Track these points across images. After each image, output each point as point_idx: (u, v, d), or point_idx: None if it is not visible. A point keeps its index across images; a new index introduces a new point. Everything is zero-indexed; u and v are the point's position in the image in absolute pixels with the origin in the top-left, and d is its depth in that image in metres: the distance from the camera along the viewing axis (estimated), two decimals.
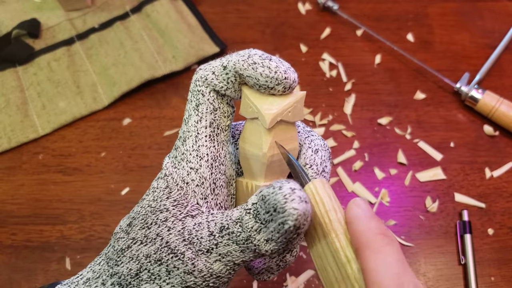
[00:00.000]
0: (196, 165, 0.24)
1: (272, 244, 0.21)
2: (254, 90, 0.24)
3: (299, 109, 0.24)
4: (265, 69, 0.23)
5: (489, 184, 0.48)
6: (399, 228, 0.45)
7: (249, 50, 0.24)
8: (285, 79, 0.23)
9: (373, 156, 0.49)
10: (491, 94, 0.51)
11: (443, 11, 0.61)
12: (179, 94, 0.54)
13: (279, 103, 0.23)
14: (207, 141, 0.25)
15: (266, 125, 0.23)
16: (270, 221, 0.21)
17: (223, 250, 0.22)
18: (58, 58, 0.55)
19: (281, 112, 0.23)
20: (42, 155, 0.50)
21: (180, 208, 0.24)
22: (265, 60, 0.23)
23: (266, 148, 0.23)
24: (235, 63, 0.24)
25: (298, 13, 0.61)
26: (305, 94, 0.24)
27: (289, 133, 0.24)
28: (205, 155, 0.24)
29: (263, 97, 0.23)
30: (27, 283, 0.42)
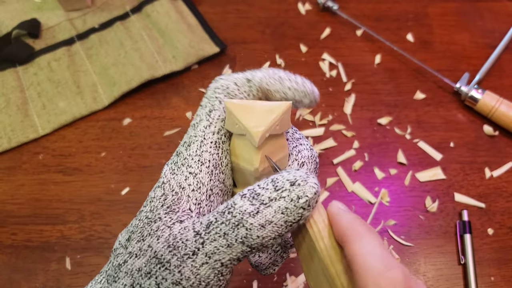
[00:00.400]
0: (196, 170, 0.24)
1: (268, 229, 0.20)
2: (238, 106, 0.23)
3: (286, 120, 0.24)
4: (293, 83, 0.24)
5: (489, 184, 0.48)
6: (399, 228, 0.45)
7: (272, 69, 0.25)
8: (312, 92, 0.24)
9: (373, 156, 0.50)
10: (491, 94, 0.51)
11: (443, 11, 0.61)
12: (179, 94, 0.54)
13: (265, 118, 0.23)
14: (211, 147, 0.24)
15: (255, 143, 0.22)
16: (276, 199, 0.20)
17: (210, 247, 0.21)
18: (58, 58, 0.55)
19: (268, 128, 0.23)
20: (42, 155, 0.50)
21: (171, 214, 0.23)
22: (291, 76, 0.24)
23: (257, 164, 0.23)
24: (261, 78, 0.24)
25: (298, 13, 0.61)
26: (290, 104, 0.24)
27: (278, 144, 0.24)
28: (207, 161, 0.24)
29: (248, 112, 0.23)
30: (27, 283, 0.43)
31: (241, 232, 0.20)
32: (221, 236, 0.21)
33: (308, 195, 0.20)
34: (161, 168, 0.49)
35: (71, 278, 0.43)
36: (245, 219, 0.20)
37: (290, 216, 0.20)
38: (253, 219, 0.20)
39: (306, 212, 0.20)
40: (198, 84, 0.55)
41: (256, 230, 0.20)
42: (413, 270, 0.43)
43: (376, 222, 0.46)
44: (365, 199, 0.47)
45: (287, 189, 0.20)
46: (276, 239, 0.21)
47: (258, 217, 0.20)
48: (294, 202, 0.20)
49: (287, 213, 0.20)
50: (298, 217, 0.20)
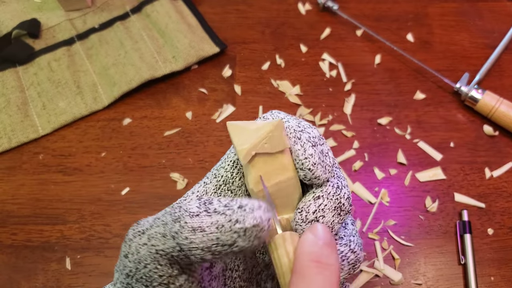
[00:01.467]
0: (208, 181, 0.25)
1: (197, 235, 0.19)
2: (235, 126, 0.23)
3: (278, 138, 0.23)
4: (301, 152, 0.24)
5: (489, 184, 0.48)
6: (399, 228, 0.45)
7: (298, 122, 0.25)
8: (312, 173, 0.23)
9: (373, 156, 0.50)
10: (491, 94, 0.51)
11: (443, 11, 0.61)
12: (179, 94, 0.54)
13: (252, 136, 0.23)
14: (229, 165, 0.25)
15: (241, 162, 0.23)
16: (219, 213, 0.20)
17: (152, 231, 0.21)
18: (58, 58, 0.55)
19: (253, 146, 0.22)
20: (42, 155, 0.50)
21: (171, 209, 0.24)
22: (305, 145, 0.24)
23: (252, 184, 0.23)
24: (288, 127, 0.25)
25: (298, 13, 0.61)
26: (281, 121, 0.23)
27: (276, 164, 0.23)
28: (220, 176, 0.25)
29: (241, 132, 0.23)
30: (27, 283, 0.43)
31: (175, 226, 0.20)
32: (163, 223, 0.21)
33: (245, 224, 0.19)
34: (161, 168, 0.49)
35: (71, 278, 0.43)
36: (184, 216, 0.20)
37: (223, 235, 0.19)
38: (190, 219, 0.20)
39: (240, 240, 0.19)
40: (198, 84, 0.55)
41: (186, 231, 0.20)
42: (413, 270, 0.43)
43: (376, 222, 0.46)
44: (365, 199, 0.47)
45: (233, 209, 0.20)
46: (205, 252, 0.20)
47: (194, 219, 0.20)
48: (231, 224, 0.19)
49: (221, 230, 0.19)
50: (232, 241, 0.19)
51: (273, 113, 0.25)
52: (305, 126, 0.24)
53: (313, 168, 0.23)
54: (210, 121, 0.52)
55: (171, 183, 0.48)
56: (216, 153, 0.50)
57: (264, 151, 0.23)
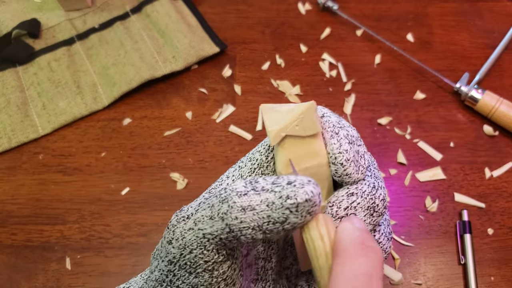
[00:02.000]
0: (242, 164, 0.25)
1: (248, 214, 0.19)
2: (269, 108, 0.23)
3: (310, 121, 0.22)
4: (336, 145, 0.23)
5: (489, 184, 0.48)
6: (399, 228, 0.45)
7: (337, 120, 0.24)
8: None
9: (373, 156, 0.49)
10: (491, 94, 0.51)
11: (443, 11, 0.61)
12: (179, 94, 0.54)
13: (284, 118, 0.22)
14: (264, 148, 0.25)
15: (270, 143, 0.22)
16: (268, 191, 0.19)
17: (198, 215, 0.21)
18: (58, 58, 0.55)
19: (284, 128, 0.22)
20: (42, 155, 0.50)
21: (206, 194, 0.24)
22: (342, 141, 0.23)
23: (280, 167, 0.22)
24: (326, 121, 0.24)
25: (298, 13, 0.61)
26: (313, 103, 0.22)
27: (307, 149, 0.22)
28: (255, 159, 0.25)
29: (273, 113, 0.23)
30: (27, 283, 0.43)
31: (223, 207, 0.20)
32: (209, 206, 0.20)
33: (297, 198, 0.19)
34: (161, 168, 0.49)
35: (71, 278, 0.43)
36: (232, 196, 0.20)
37: (274, 212, 0.19)
38: (238, 199, 0.19)
39: (293, 217, 0.19)
40: (198, 84, 0.55)
41: (236, 211, 0.19)
42: (413, 270, 0.43)
43: None
44: None
45: (282, 186, 0.19)
46: (256, 231, 0.19)
47: (243, 199, 0.19)
48: (282, 200, 0.19)
49: (272, 207, 0.19)
50: (283, 218, 0.19)
51: (318, 107, 0.25)
52: (345, 125, 0.24)
53: (346, 164, 0.22)
54: (210, 121, 0.52)
55: (171, 183, 0.48)
56: (216, 153, 0.50)
57: (295, 134, 0.22)
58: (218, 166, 0.49)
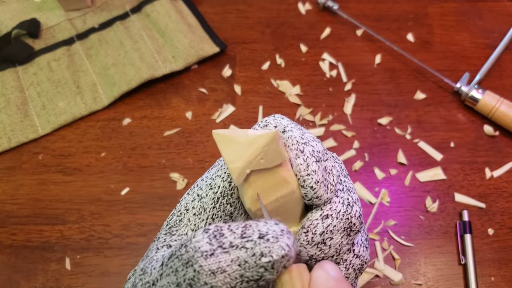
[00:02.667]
0: (203, 193, 0.22)
1: (218, 278, 0.17)
2: (223, 136, 0.20)
3: (275, 151, 0.20)
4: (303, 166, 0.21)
5: (489, 184, 0.48)
6: (399, 228, 0.45)
7: (303, 133, 0.22)
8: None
9: (373, 156, 0.49)
10: (491, 94, 0.51)
11: (443, 11, 0.61)
12: (179, 94, 0.54)
13: (245, 151, 0.20)
14: (226, 173, 0.22)
15: (234, 181, 0.20)
16: (237, 248, 0.17)
17: (163, 281, 0.19)
18: (58, 58, 0.55)
19: (247, 164, 0.20)
20: (42, 155, 0.50)
21: (167, 236, 0.22)
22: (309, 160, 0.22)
23: (249, 203, 0.21)
24: (290, 137, 0.22)
25: (298, 13, 0.61)
26: (276, 133, 0.20)
27: (275, 178, 0.21)
28: (217, 186, 0.22)
29: (231, 144, 0.20)
30: (27, 283, 0.42)
31: (189, 272, 0.17)
32: (173, 271, 0.18)
33: (273, 256, 0.17)
34: (161, 168, 0.49)
35: (71, 278, 0.43)
36: (196, 258, 0.17)
37: (247, 272, 0.17)
38: (205, 261, 0.17)
39: (268, 274, 0.17)
40: (198, 84, 0.55)
41: (204, 275, 0.17)
42: (413, 271, 0.43)
43: (376, 223, 0.46)
44: (365, 199, 0.47)
45: (254, 241, 0.17)
46: None
47: (210, 260, 0.17)
48: (255, 258, 0.17)
49: (244, 267, 0.17)
50: (257, 276, 0.17)
51: (276, 118, 0.23)
52: (309, 139, 0.22)
53: (316, 187, 0.21)
54: (210, 121, 0.52)
55: (171, 183, 0.48)
56: (216, 153, 0.50)
57: (260, 167, 0.20)
58: None
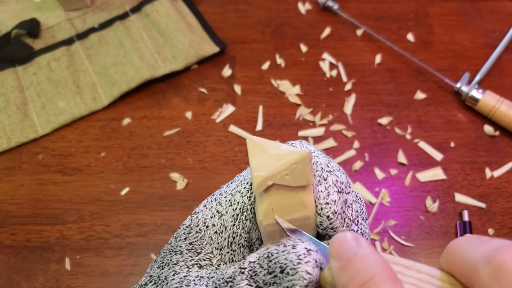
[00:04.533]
0: (223, 210, 0.22)
1: None
2: (255, 144, 0.20)
3: (302, 172, 0.20)
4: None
5: (489, 184, 0.48)
6: (400, 228, 0.45)
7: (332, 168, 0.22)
8: None
9: (373, 156, 0.49)
10: (491, 94, 0.51)
11: (443, 11, 0.61)
12: (179, 94, 0.54)
13: (272, 163, 0.19)
14: (246, 188, 0.22)
15: (254, 189, 0.20)
16: (270, 285, 0.18)
17: None
18: (58, 58, 0.55)
19: (271, 176, 0.19)
20: (42, 155, 0.50)
21: (192, 253, 0.22)
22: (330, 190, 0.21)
23: (261, 215, 0.20)
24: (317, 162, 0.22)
25: (298, 13, 0.61)
26: (309, 154, 0.20)
27: (294, 199, 0.20)
28: (236, 202, 0.22)
29: (261, 153, 0.20)
30: (26, 283, 0.42)
31: None
32: None
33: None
34: (161, 168, 0.49)
35: (71, 279, 0.43)
36: None
37: None
38: None
39: None
40: (198, 84, 0.54)
41: None
42: None
43: (376, 223, 0.46)
44: (365, 200, 0.47)
45: (278, 276, 0.18)
46: None
47: None
48: None
49: None
50: None
51: (302, 143, 0.23)
52: (334, 168, 0.22)
53: (332, 217, 0.20)
54: (210, 121, 0.52)
55: (170, 183, 0.48)
56: (215, 153, 0.49)
57: (283, 184, 0.20)
58: (218, 166, 0.49)
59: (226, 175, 0.48)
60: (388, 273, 0.16)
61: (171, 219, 0.46)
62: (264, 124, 0.51)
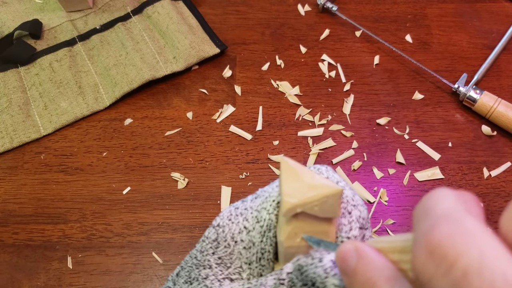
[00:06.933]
0: (250, 226, 0.23)
1: None
2: (290, 167, 0.21)
3: (332, 205, 0.20)
4: None
5: (487, 184, 0.48)
6: (398, 228, 0.46)
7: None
8: None
9: (372, 156, 0.50)
10: (489, 95, 0.51)
11: (441, 12, 0.61)
12: (180, 95, 0.54)
13: (305, 192, 0.20)
14: (271, 206, 0.23)
15: (282, 213, 0.20)
16: None
17: None
18: (60, 58, 0.56)
19: (302, 204, 0.20)
20: (44, 155, 0.50)
21: (222, 267, 0.23)
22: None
23: (284, 237, 0.21)
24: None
25: (298, 14, 0.61)
26: (341, 192, 0.20)
27: (317, 227, 0.21)
28: (263, 219, 0.23)
29: (294, 179, 0.20)
30: (28, 282, 0.43)
31: None
32: None
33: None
34: (162, 167, 0.49)
35: (73, 277, 0.43)
36: None
37: None
38: None
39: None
40: (199, 85, 0.55)
41: None
42: None
43: (375, 222, 0.46)
44: (364, 199, 0.47)
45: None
46: None
47: None
48: None
49: None
50: None
51: (328, 170, 0.23)
52: (359, 203, 0.22)
53: None
54: (211, 121, 0.52)
55: (172, 182, 0.48)
56: (216, 153, 0.50)
57: (311, 213, 0.20)
58: (219, 166, 0.49)
59: (227, 174, 0.49)
60: (386, 276, 0.16)
61: (172, 218, 0.46)
62: (264, 124, 0.52)
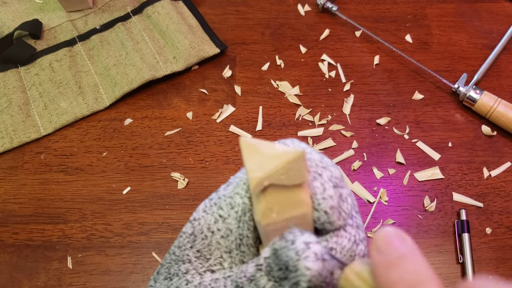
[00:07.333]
0: (225, 214, 0.22)
1: None
2: (249, 145, 0.20)
3: (297, 170, 0.20)
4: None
5: (487, 184, 0.48)
6: (398, 227, 0.46)
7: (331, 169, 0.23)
8: None
9: (372, 156, 0.50)
10: (489, 95, 0.51)
11: (441, 12, 0.61)
12: (180, 95, 0.54)
13: (268, 164, 0.20)
14: (244, 189, 0.22)
15: (251, 190, 0.20)
16: (284, 279, 0.18)
17: None
18: (60, 58, 0.56)
19: (268, 176, 0.20)
20: (44, 155, 0.50)
21: (202, 260, 0.22)
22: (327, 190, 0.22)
23: (260, 216, 0.20)
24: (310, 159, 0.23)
25: (298, 14, 0.61)
26: (303, 153, 0.20)
27: (290, 197, 0.20)
28: (237, 204, 0.22)
29: (256, 154, 0.20)
30: (28, 282, 0.43)
31: None
32: None
33: (302, 284, 0.18)
34: (162, 167, 0.49)
35: (73, 277, 0.43)
36: None
37: None
38: None
39: None
40: (199, 85, 0.55)
41: None
42: None
43: (375, 222, 0.46)
44: (364, 199, 0.47)
45: (285, 272, 0.18)
46: None
47: None
48: (297, 287, 0.18)
49: None
50: None
51: (293, 142, 0.23)
52: (328, 164, 0.22)
53: (330, 212, 0.21)
54: (211, 121, 0.52)
55: (172, 182, 0.48)
56: (216, 153, 0.50)
57: (279, 183, 0.20)
58: (219, 166, 0.49)
59: (227, 174, 0.49)
60: (435, 279, 0.16)
61: (172, 218, 0.46)
62: (264, 124, 0.52)
